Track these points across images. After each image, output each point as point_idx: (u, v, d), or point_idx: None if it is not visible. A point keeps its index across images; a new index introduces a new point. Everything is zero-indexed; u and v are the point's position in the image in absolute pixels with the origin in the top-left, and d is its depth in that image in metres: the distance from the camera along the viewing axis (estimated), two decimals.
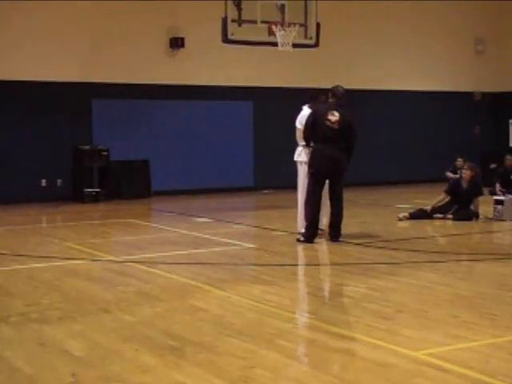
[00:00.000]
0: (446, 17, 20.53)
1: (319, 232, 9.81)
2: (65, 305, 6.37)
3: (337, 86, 9.91)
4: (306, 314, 6.17)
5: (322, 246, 9.55)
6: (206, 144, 17.58)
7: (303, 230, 9.77)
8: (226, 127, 17.83)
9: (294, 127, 10.37)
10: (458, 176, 13.11)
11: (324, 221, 10.02)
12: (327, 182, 9.73)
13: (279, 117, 18.11)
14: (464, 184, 12.02)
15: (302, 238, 9.66)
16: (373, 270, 7.78)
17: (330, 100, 9.83)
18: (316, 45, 13.35)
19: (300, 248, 9.60)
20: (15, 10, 15.40)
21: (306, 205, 9.74)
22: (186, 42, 17.01)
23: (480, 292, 6.70)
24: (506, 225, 11.43)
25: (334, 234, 9.69)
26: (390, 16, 19.64)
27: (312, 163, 9.68)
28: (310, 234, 9.60)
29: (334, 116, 9.53)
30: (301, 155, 10.11)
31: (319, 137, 9.64)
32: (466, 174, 12.07)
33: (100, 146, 16.08)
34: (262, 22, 12.77)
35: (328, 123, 9.52)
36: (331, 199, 9.77)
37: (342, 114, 9.57)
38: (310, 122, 9.70)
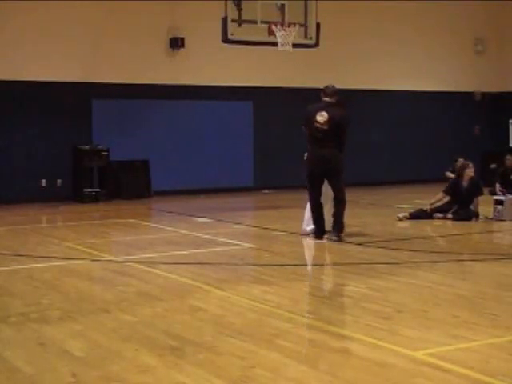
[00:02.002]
0: (446, 17, 20.52)
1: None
2: (65, 305, 6.37)
3: (327, 86, 10.02)
4: (306, 314, 6.17)
5: (322, 245, 9.55)
6: (206, 144, 17.57)
7: (310, 227, 9.96)
8: (226, 127, 17.82)
9: (293, 127, 10.42)
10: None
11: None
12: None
13: (279, 117, 18.14)
14: (464, 183, 12.02)
15: (312, 234, 9.90)
16: (373, 269, 7.78)
17: (324, 99, 9.90)
18: (316, 45, 13.36)
19: (300, 248, 9.61)
20: (15, 9, 15.40)
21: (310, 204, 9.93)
22: (186, 42, 17.01)
23: (480, 292, 6.70)
24: (506, 225, 11.43)
25: (336, 227, 9.72)
26: (390, 16, 19.63)
27: (306, 165, 9.84)
28: (318, 230, 9.82)
29: (322, 116, 9.61)
30: None
31: (310, 138, 9.78)
32: (472, 171, 12.04)
33: (100, 146, 16.07)
34: (262, 21, 12.78)
35: (317, 124, 9.62)
36: (333, 193, 9.89)
37: (332, 113, 9.63)
38: (304, 122, 9.93)
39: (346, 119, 9.81)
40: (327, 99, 9.83)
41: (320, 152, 9.61)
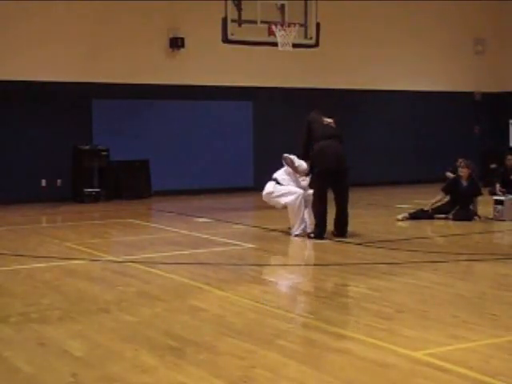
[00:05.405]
0: (445, 17, 20.52)
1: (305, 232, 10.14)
2: (65, 305, 6.37)
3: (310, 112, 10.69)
4: (306, 314, 6.17)
5: (322, 246, 9.55)
6: (205, 144, 17.57)
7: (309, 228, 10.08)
8: (226, 127, 17.82)
9: (294, 127, 10.53)
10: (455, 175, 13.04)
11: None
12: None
13: (279, 117, 18.13)
14: (463, 182, 12.03)
15: (312, 235, 9.87)
16: (373, 270, 7.78)
17: (315, 114, 10.46)
18: (316, 45, 13.35)
19: (300, 248, 9.61)
20: (16, 10, 15.40)
21: (315, 204, 9.95)
22: (186, 42, 17.01)
23: (480, 292, 6.70)
24: (505, 225, 11.43)
25: (341, 232, 9.93)
26: (390, 16, 19.62)
27: (317, 162, 9.86)
28: (320, 231, 9.84)
29: (329, 119, 10.20)
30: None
31: (320, 136, 9.97)
32: (464, 172, 12.09)
33: (100, 146, 16.07)
34: (262, 22, 12.77)
35: (326, 122, 10.05)
36: (337, 200, 9.90)
37: (333, 119, 10.27)
38: (306, 130, 10.18)
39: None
40: (318, 113, 10.43)
41: (333, 149, 9.87)
